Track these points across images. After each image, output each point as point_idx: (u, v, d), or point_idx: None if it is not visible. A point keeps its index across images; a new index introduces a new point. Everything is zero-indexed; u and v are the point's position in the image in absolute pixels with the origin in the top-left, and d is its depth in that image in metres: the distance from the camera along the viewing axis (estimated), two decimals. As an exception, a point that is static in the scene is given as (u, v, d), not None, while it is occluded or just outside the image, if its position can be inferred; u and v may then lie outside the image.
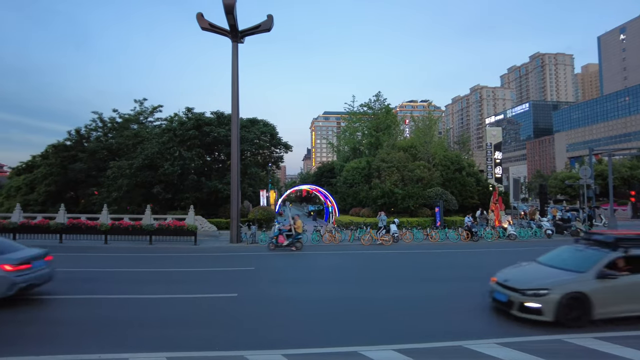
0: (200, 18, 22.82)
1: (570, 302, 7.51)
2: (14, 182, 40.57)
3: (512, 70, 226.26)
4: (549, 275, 8.24)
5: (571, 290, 7.57)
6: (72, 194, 38.37)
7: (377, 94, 50.47)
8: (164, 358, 6.05)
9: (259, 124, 38.42)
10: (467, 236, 23.48)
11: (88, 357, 6.11)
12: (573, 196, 70.49)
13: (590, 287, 7.63)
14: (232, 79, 23.64)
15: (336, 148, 60.59)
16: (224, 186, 31.25)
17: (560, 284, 7.76)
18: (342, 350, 6.53)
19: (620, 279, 7.81)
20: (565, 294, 7.53)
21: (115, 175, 32.01)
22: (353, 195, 37.67)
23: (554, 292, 7.59)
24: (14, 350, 6.28)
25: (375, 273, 14.34)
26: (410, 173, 35.12)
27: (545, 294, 7.61)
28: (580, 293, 7.55)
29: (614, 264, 8.09)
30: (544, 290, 7.67)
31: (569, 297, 7.51)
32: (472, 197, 36.54)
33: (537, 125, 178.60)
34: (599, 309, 7.57)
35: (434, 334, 7.25)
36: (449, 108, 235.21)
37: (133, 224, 22.25)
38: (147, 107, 40.88)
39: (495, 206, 27.76)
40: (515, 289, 8.00)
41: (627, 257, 8.17)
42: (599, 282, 7.71)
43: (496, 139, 48.59)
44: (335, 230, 24.11)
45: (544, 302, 7.57)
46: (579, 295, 7.54)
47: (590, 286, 7.64)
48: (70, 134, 38.49)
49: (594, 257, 8.23)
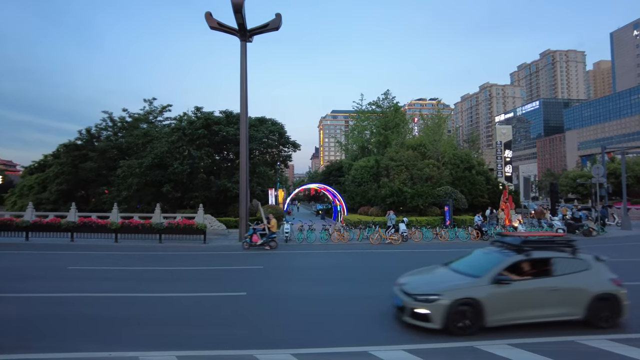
0: (208, 17, 22.85)
1: (460, 309, 7.07)
2: (26, 181, 41.08)
3: (522, 67, 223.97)
4: (446, 280, 7.79)
5: (463, 297, 7.12)
6: (83, 193, 38.77)
7: (385, 92, 50.21)
8: (174, 357, 6.05)
9: (267, 123, 38.44)
10: (477, 235, 23.28)
11: (99, 355, 6.14)
12: (585, 195, 69.55)
13: (483, 293, 7.18)
14: (241, 78, 23.66)
15: (344, 147, 60.44)
16: (232, 185, 31.32)
17: (451, 289, 7.31)
18: (351, 350, 6.50)
19: (515, 284, 7.33)
20: (456, 300, 7.07)
21: (125, 174, 32.25)
22: (361, 194, 37.54)
23: (444, 297, 7.14)
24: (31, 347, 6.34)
25: (385, 272, 14.24)
26: (420, 172, 34.89)
27: (435, 299, 7.15)
28: (472, 299, 7.10)
29: (515, 268, 7.63)
30: (434, 295, 7.21)
31: (459, 304, 7.06)
32: (482, 196, 36.20)
33: (548, 123, 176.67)
34: (492, 316, 7.13)
35: (442, 335, 7.17)
36: (458, 106, 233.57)
37: (143, 223, 22.39)
38: (157, 107, 41.12)
39: (505, 205, 27.48)
40: (408, 294, 7.56)
41: (530, 260, 7.73)
42: (493, 287, 7.25)
43: (506, 137, 48.12)
44: (344, 229, 24.03)
45: (433, 308, 7.10)
46: (471, 302, 7.08)
47: (483, 292, 7.19)
48: (81, 133, 38.85)
49: (494, 261, 7.79)
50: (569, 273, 7.61)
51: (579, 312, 7.42)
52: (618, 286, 7.60)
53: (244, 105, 23.74)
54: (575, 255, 7.88)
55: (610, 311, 7.45)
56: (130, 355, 6.09)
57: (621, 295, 7.50)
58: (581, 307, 7.40)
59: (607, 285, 7.59)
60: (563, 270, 7.63)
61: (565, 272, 7.60)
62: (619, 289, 7.56)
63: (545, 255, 7.81)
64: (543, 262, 7.74)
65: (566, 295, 7.41)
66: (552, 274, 7.59)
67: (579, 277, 7.60)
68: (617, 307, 7.47)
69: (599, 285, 7.57)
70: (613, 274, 7.84)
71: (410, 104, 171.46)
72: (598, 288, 7.52)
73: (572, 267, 7.69)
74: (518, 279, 7.47)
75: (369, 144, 51.36)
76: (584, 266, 7.75)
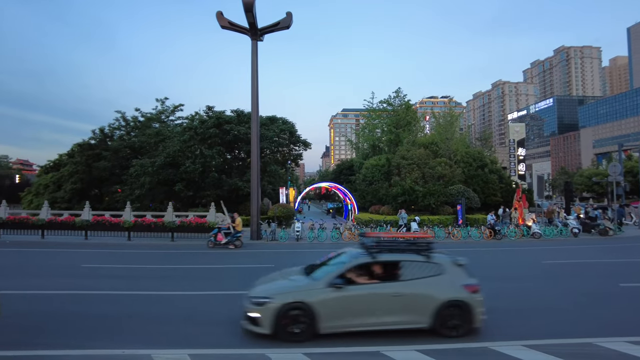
0: (220, 17, 22.91)
1: (291, 313, 6.59)
2: (42, 180, 41.84)
3: (536, 64, 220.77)
4: (288, 283, 7.33)
5: (293, 300, 6.63)
6: (96, 192, 39.33)
7: (396, 90, 49.93)
8: (187, 355, 6.05)
9: (278, 121, 38.54)
10: (490, 234, 23.01)
11: (112, 352, 6.18)
12: (600, 194, 68.38)
13: (316, 297, 6.65)
14: (252, 77, 23.70)
15: (355, 145, 60.27)
16: (244, 184, 31.47)
17: (282, 293, 6.86)
18: (364, 349, 6.43)
19: (352, 289, 6.82)
20: (286, 303, 6.58)
21: (138, 173, 32.60)
22: (372, 192, 37.39)
23: (274, 301, 6.64)
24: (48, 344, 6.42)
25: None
26: (431, 170, 34.62)
27: (265, 302, 6.66)
28: (303, 303, 6.59)
29: (362, 271, 7.16)
30: (265, 298, 6.72)
31: (289, 308, 6.57)
32: (495, 194, 35.82)
33: (562, 121, 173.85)
34: (326, 322, 6.61)
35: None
36: (470, 104, 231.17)
37: (155, 221, 22.58)
38: (169, 106, 41.53)
39: (518, 204, 27.15)
40: (248, 297, 7.07)
41: (377, 263, 7.23)
42: (329, 292, 6.73)
43: (519, 135, 47.53)
44: (355, 228, 23.95)
45: (263, 311, 6.61)
46: (302, 306, 6.58)
47: (316, 296, 6.66)
48: (95, 133, 39.42)
49: (340, 264, 7.29)
50: (418, 278, 7.02)
51: (424, 320, 6.82)
52: (472, 293, 6.99)
53: (255, 104, 23.78)
54: (429, 259, 7.25)
55: (460, 319, 6.87)
56: (143, 353, 6.11)
57: (473, 303, 6.88)
58: (427, 315, 6.80)
59: (458, 292, 6.97)
60: (412, 274, 7.05)
61: (413, 277, 7.03)
62: (472, 296, 6.95)
63: (393, 258, 7.25)
64: (391, 266, 7.20)
65: (410, 301, 6.84)
66: (398, 278, 7.04)
67: (427, 283, 7.01)
68: (468, 315, 6.87)
69: (449, 292, 6.96)
70: (471, 279, 7.23)
71: (422, 102, 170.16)
72: (447, 295, 6.91)
73: (423, 272, 7.09)
74: (365, 282, 7.01)
75: (380, 142, 51.11)
76: (437, 271, 7.14)
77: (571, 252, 18.60)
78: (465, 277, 7.25)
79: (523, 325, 7.72)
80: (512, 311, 8.68)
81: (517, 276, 12.89)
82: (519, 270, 14.24)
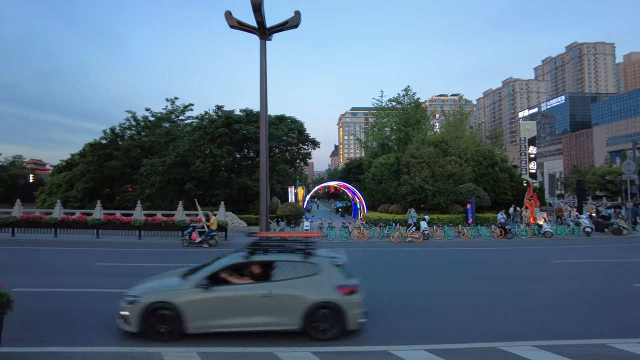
0: (228, 16, 22.84)
1: (158, 313, 6.57)
2: (55, 180, 42.41)
3: (547, 61, 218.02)
4: (161, 282, 7.36)
5: (159, 300, 6.62)
6: (107, 191, 39.76)
7: (406, 89, 49.64)
8: (195, 352, 6.10)
9: (286, 121, 38.59)
10: (500, 233, 22.79)
11: (122, 350, 6.25)
12: (614, 192, 67.35)
13: (182, 297, 6.67)
14: (261, 77, 23.60)
15: (364, 144, 60.11)
16: (253, 183, 31.60)
17: (150, 292, 6.85)
18: (372, 349, 6.44)
19: (220, 289, 6.80)
20: (152, 302, 6.56)
21: (149, 172, 32.89)
22: (382, 191, 37.27)
23: (142, 299, 6.63)
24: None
25: (404, 270, 14.09)
26: (441, 169, 34.40)
27: (135, 301, 6.64)
28: (169, 303, 6.58)
29: (238, 270, 7.20)
30: (136, 297, 6.71)
31: (156, 307, 6.55)
32: (506, 193, 35.48)
33: (574, 119, 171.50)
34: (193, 322, 6.61)
35: (467, 335, 7.04)
36: (480, 102, 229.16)
37: (166, 220, 22.78)
38: (179, 106, 41.77)
39: (529, 202, 26.87)
40: (124, 295, 6.99)
41: (252, 263, 7.21)
42: (196, 292, 6.74)
43: (530, 133, 47.00)
44: (364, 227, 23.91)
45: (131, 310, 6.59)
46: (167, 306, 6.58)
47: (182, 296, 6.68)
48: (106, 132, 39.82)
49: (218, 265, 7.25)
50: (291, 278, 6.91)
51: (295, 322, 6.69)
52: (346, 294, 6.79)
53: (263, 103, 23.70)
54: (306, 259, 7.10)
55: (332, 322, 6.71)
56: (153, 351, 6.17)
57: (346, 305, 6.71)
58: (297, 317, 6.66)
59: (330, 294, 6.78)
60: (285, 275, 6.94)
61: (286, 278, 6.92)
62: (346, 298, 6.76)
63: (267, 258, 7.20)
64: (265, 266, 7.17)
65: (280, 302, 6.73)
66: (270, 279, 6.96)
67: (299, 284, 6.88)
68: (340, 317, 6.69)
69: (320, 293, 6.79)
70: (349, 279, 7.07)
71: (432, 100, 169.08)
72: (318, 296, 6.75)
73: (298, 273, 6.96)
74: (237, 282, 7.02)
75: (389, 141, 50.93)
76: (313, 271, 6.97)
77: (583, 251, 18.36)
78: (341, 278, 7.04)
79: (532, 325, 7.64)
80: (521, 311, 8.59)
81: (526, 275, 12.75)
82: (529, 269, 14.09)
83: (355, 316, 6.79)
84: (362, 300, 6.96)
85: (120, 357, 6.02)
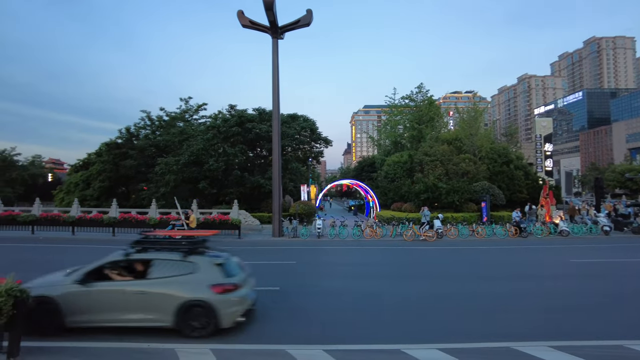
0: (241, 16, 23.09)
1: (40, 307, 6.63)
2: (72, 179, 43.27)
3: (564, 57, 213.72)
4: (48, 278, 7.49)
5: (39, 294, 6.70)
6: (123, 189, 40.40)
7: (419, 86, 49.36)
8: (208, 349, 6.18)
9: (299, 119, 38.67)
10: (516, 232, 22.47)
11: (138, 345, 6.37)
12: (634, 190, 65.81)
13: (60, 292, 6.84)
14: (273, 75, 23.81)
15: (377, 142, 59.88)
16: (266, 181, 31.77)
17: (35, 286, 6.91)
18: (384, 347, 6.42)
19: (97, 285, 6.95)
20: (33, 297, 6.47)
21: (163, 171, 33.32)
22: (394, 189, 37.09)
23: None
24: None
25: (418, 269, 14.01)
26: (455, 167, 34.09)
27: None
28: (47, 297, 6.77)
29: (112, 268, 7.37)
30: None
31: (38, 302, 6.58)
32: (521, 191, 35.01)
33: (592, 115, 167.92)
34: (71, 316, 6.76)
35: (481, 334, 6.96)
36: (495, 99, 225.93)
37: (180, 218, 23.06)
38: (192, 105, 42.24)
39: (545, 201, 26.44)
40: None
41: (132, 261, 7.39)
42: (74, 287, 6.90)
43: (546, 130, 46.27)
44: (377, 226, 23.81)
45: None
46: (46, 300, 6.74)
47: (60, 291, 6.85)
48: (121, 132, 40.47)
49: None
50: (166, 277, 7.01)
51: (167, 319, 6.78)
52: (219, 293, 6.87)
53: (276, 102, 23.90)
54: (185, 258, 7.20)
55: (204, 320, 6.79)
56: (167, 347, 6.28)
57: (217, 303, 6.77)
58: (169, 314, 6.76)
59: (202, 292, 6.86)
60: (162, 273, 7.05)
61: (162, 276, 7.02)
62: (218, 297, 6.83)
63: (145, 256, 7.36)
64: (143, 264, 7.31)
65: (153, 300, 6.84)
66: (147, 276, 7.06)
67: (173, 282, 6.97)
68: (212, 315, 6.77)
69: (193, 292, 6.87)
70: (227, 279, 7.12)
71: (445, 98, 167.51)
72: (190, 295, 6.84)
73: (175, 271, 7.07)
74: (115, 279, 7.21)
75: (402, 138, 50.65)
76: (190, 270, 7.09)
77: (601, 250, 17.98)
78: (218, 277, 7.11)
79: (547, 324, 7.53)
80: (535, 310, 8.46)
81: (541, 275, 12.56)
82: (544, 269, 13.86)
83: (230, 315, 6.90)
84: (240, 299, 7.12)
85: (134, 353, 6.12)
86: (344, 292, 10.21)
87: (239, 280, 7.34)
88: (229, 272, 7.39)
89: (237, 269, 7.75)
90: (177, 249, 7.39)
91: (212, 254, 7.71)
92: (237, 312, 7.03)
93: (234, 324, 6.97)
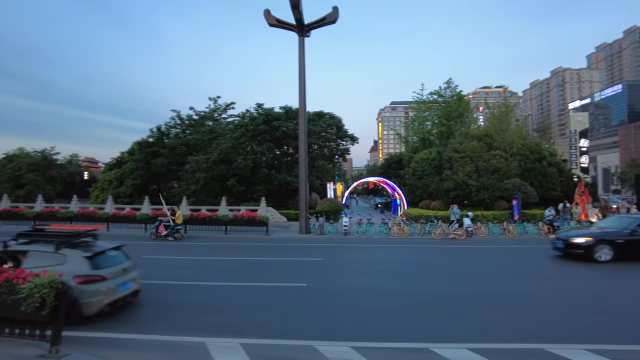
0: (267, 15, 23.28)
1: None
2: (106, 177, 44.94)
3: (602, 48, 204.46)
4: None
5: None
6: (155, 187, 41.60)
7: (447, 81, 48.38)
8: (238, 344, 6.30)
9: (325, 117, 38.69)
10: (549, 230, 21.76)
11: (170, 338, 6.57)
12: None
13: None
14: (299, 73, 23.90)
15: (404, 139, 59.18)
16: (292, 179, 31.99)
17: None
18: (413, 346, 6.37)
19: None
20: None
21: (193, 169, 34.09)
22: (422, 187, 36.59)
23: None
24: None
25: (449, 268, 13.79)
26: (485, 163, 33.32)
27: None
28: None
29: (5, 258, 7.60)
30: None
31: None
32: (554, 188, 33.89)
33: (633, 109, 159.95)
34: None
35: (512, 335, 6.80)
36: (526, 93, 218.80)
37: (210, 215, 23.58)
38: (221, 105, 43.01)
39: (580, 199, 25.46)
40: None
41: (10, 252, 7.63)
42: None
43: (581, 125, 44.59)
44: (404, 223, 23.57)
45: None
46: None
47: None
48: (152, 131, 41.62)
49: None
50: (38, 267, 6.92)
51: None
52: (80, 284, 7.14)
53: (302, 100, 24.00)
54: (57, 250, 7.50)
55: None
56: (198, 341, 6.44)
57: (79, 294, 7.05)
58: None
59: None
60: (35, 263, 7.16)
61: (35, 266, 7.03)
62: (81, 287, 7.11)
63: (20, 248, 7.70)
64: (21, 255, 7.57)
65: None
66: (22, 266, 7.16)
67: None
68: (73, 304, 6.95)
69: None
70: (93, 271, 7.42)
71: (475, 93, 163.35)
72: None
73: (45, 262, 7.16)
74: None
75: (430, 135, 49.87)
76: (59, 262, 7.29)
77: None
78: (85, 269, 7.41)
79: (583, 327, 7.27)
80: (570, 311, 8.19)
81: (575, 275, 12.13)
82: (578, 269, 13.35)
83: (92, 304, 7.23)
84: (107, 290, 7.48)
85: (167, 346, 6.32)
86: (371, 290, 10.19)
87: (108, 273, 7.68)
88: (100, 264, 7.73)
89: (115, 262, 8.14)
90: (52, 242, 7.75)
91: (95, 247, 8.09)
92: (102, 302, 7.38)
93: (95, 312, 7.28)
